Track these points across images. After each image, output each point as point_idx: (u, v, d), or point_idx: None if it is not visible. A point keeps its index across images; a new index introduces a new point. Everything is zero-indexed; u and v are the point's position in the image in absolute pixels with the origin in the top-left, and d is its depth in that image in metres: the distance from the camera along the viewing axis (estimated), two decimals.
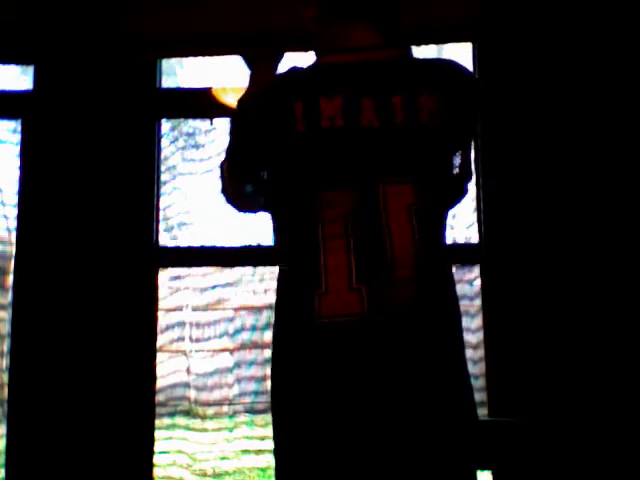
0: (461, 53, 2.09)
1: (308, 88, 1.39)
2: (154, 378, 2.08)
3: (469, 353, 1.39)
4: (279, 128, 1.38)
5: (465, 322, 1.44)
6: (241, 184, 1.49)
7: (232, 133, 1.50)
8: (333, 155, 1.35)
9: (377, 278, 1.30)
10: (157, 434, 2.07)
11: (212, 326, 9.19)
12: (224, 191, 1.52)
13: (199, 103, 2.18)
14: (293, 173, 1.37)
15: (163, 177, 2.28)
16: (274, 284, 1.40)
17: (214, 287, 9.14)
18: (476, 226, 2.08)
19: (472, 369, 1.41)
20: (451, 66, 1.41)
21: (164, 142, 5.50)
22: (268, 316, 8.75)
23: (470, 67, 2.04)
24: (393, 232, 1.32)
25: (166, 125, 7.76)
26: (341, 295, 1.29)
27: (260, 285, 9.04)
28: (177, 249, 3.89)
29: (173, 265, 3.16)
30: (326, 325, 1.29)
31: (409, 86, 1.36)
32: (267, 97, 1.44)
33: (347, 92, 1.36)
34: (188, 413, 8.51)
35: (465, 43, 2.11)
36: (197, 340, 9.14)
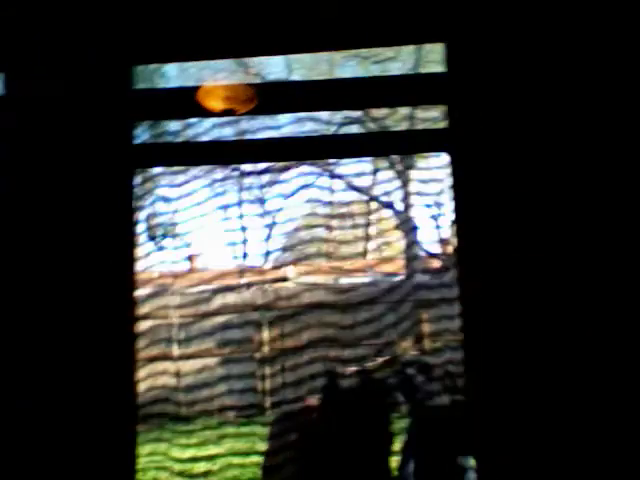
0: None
1: None
2: (134, 382, 2.06)
3: None
4: None
5: None
6: None
7: None
8: None
9: None
10: (145, 437, 2.05)
11: (201, 329, 9.15)
12: None
13: (176, 104, 2.17)
14: None
15: (147, 186, 2.27)
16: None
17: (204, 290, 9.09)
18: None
19: None
20: None
21: None
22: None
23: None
24: None
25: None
26: None
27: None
28: None
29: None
30: None
31: None
32: None
33: None
34: (176, 416, 8.47)
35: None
36: (186, 343, 9.10)
